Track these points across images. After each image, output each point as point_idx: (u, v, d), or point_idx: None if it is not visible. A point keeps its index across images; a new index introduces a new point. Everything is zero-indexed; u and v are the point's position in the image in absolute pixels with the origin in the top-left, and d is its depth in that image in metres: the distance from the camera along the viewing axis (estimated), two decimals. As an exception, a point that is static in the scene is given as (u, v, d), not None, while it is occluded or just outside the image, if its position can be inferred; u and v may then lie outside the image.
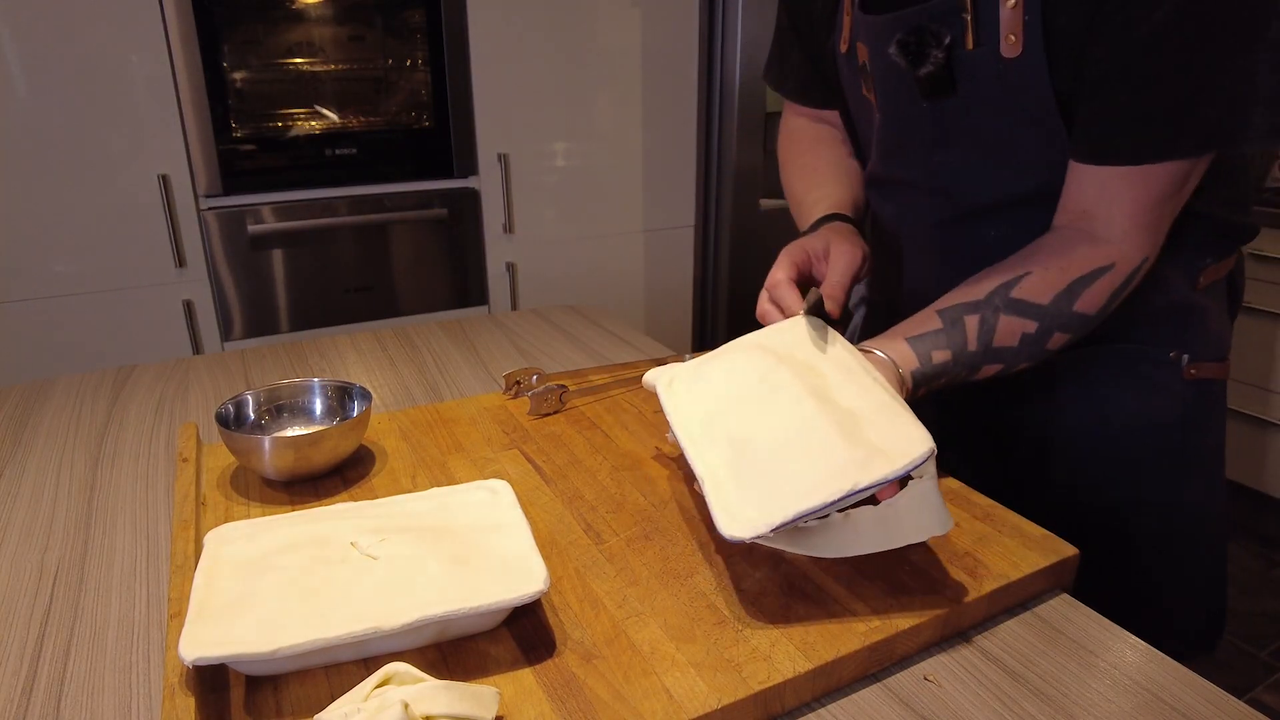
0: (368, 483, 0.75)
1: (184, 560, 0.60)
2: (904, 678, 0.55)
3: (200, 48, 1.85)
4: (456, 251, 2.23)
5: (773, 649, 0.53)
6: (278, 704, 0.50)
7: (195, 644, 0.48)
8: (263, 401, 0.81)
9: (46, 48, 1.74)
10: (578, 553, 0.64)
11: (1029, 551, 0.63)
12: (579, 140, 2.29)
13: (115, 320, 1.94)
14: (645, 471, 0.76)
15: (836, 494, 0.55)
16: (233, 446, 0.73)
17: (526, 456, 0.79)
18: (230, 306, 2.04)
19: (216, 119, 1.90)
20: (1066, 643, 0.57)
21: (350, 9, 1.99)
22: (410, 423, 0.86)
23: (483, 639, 0.55)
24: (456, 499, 0.65)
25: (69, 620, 0.60)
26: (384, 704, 0.45)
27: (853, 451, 0.57)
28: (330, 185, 2.06)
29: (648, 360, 1.03)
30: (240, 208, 1.98)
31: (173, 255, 1.94)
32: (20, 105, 1.74)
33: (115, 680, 0.54)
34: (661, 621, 0.56)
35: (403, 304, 2.21)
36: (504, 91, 2.16)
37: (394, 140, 2.09)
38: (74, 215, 1.84)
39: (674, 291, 2.55)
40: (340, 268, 2.12)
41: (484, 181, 2.20)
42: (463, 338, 1.16)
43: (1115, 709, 0.52)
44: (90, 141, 1.81)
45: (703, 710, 0.49)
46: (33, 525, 0.72)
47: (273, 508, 0.70)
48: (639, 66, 2.30)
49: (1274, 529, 2.35)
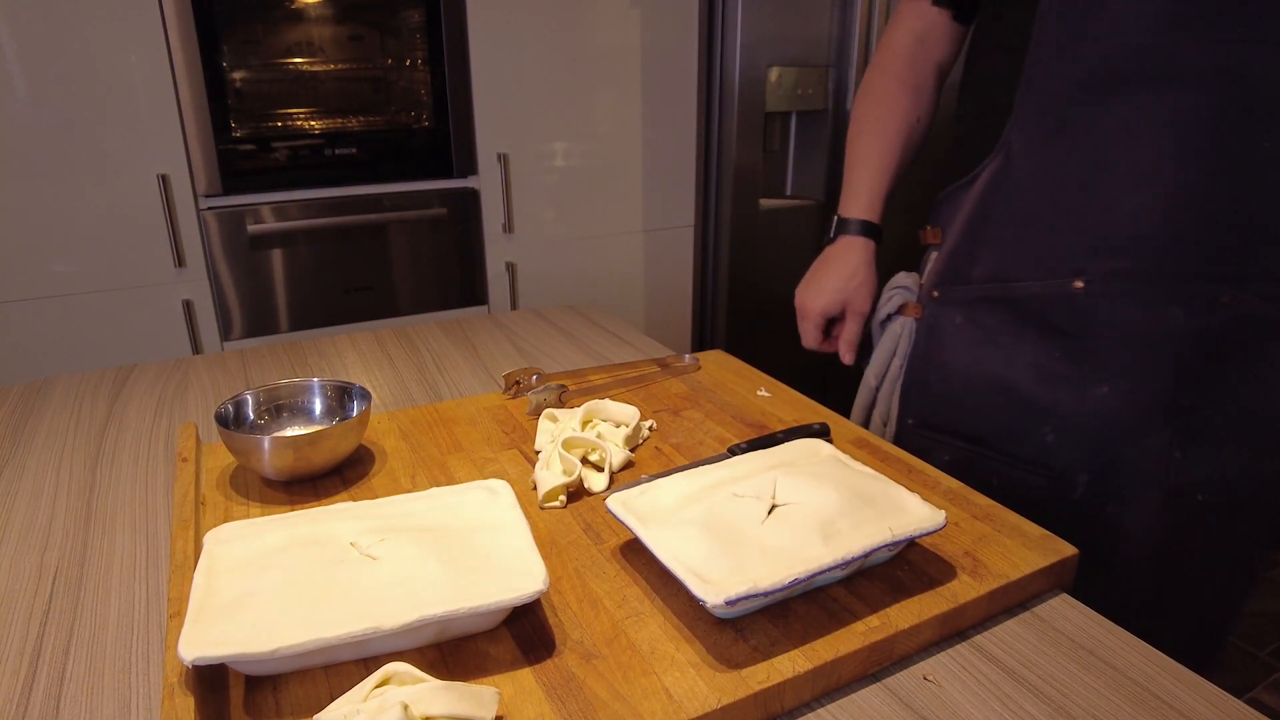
0: (367, 483, 0.75)
1: (183, 560, 0.60)
2: (904, 678, 0.55)
3: (200, 48, 1.85)
4: (456, 251, 2.23)
5: (772, 649, 0.53)
6: (277, 704, 0.50)
7: (195, 644, 0.48)
8: (262, 401, 0.81)
9: (46, 48, 1.74)
10: (578, 553, 0.64)
11: (1029, 551, 0.63)
12: (579, 140, 2.29)
13: (115, 320, 1.94)
14: (644, 471, 0.76)
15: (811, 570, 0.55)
16: (232, 446, 0.73)
17: (526, 456, 0.79)
18: (230, 306, 2.04)
19: (216, 119, 1.90)
20: (1066, 643, 0.57)
21: (350, 9, 1.99)
22: (410, 423, 0.86)
23: (482, 639, 0.55)
24: (456, 499, 0.65)
25: (69, 620, 0.60)
26: (384, 704, 0.45)
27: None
28: (330, 185, 2.06)
29: (647, 360, 1.03)
30: (240, 208, 1.98)
31: (172, 255, 1.94)
32: (20, 105, 1.74)
33: (115, 680, 0.54)
34: (661, 621, 0.56)
35: (402, 304, 2.21)
36: (504, 91, 2.16)
37: (393, 140, 2.09)
38: (74, 215, 1.84)
39: (674, 291, 2.55)
40: (340, 268, 2.12)
41: (484, 181, 2.20)
42: (462, 338, 1.16)
43: (1115, 709, 0.52)
44: (90, 141, 1.81)
45: (702, 710, 0.49)
46: (32, 525, 0.72)
47: (272, 508, 0.70)
48: (639, 66, 2.30)
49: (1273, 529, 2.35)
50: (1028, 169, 0.84)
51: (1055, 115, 0.80)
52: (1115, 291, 0.80)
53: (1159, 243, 0.77)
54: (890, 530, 0.58)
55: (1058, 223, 0.82)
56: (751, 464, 0.68)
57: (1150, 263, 0.78)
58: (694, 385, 0.95)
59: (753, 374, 0.98)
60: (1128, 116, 0.76)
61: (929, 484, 0.73)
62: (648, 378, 0.97)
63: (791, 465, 0.67)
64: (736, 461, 0.69)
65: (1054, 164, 0.81)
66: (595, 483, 0.73)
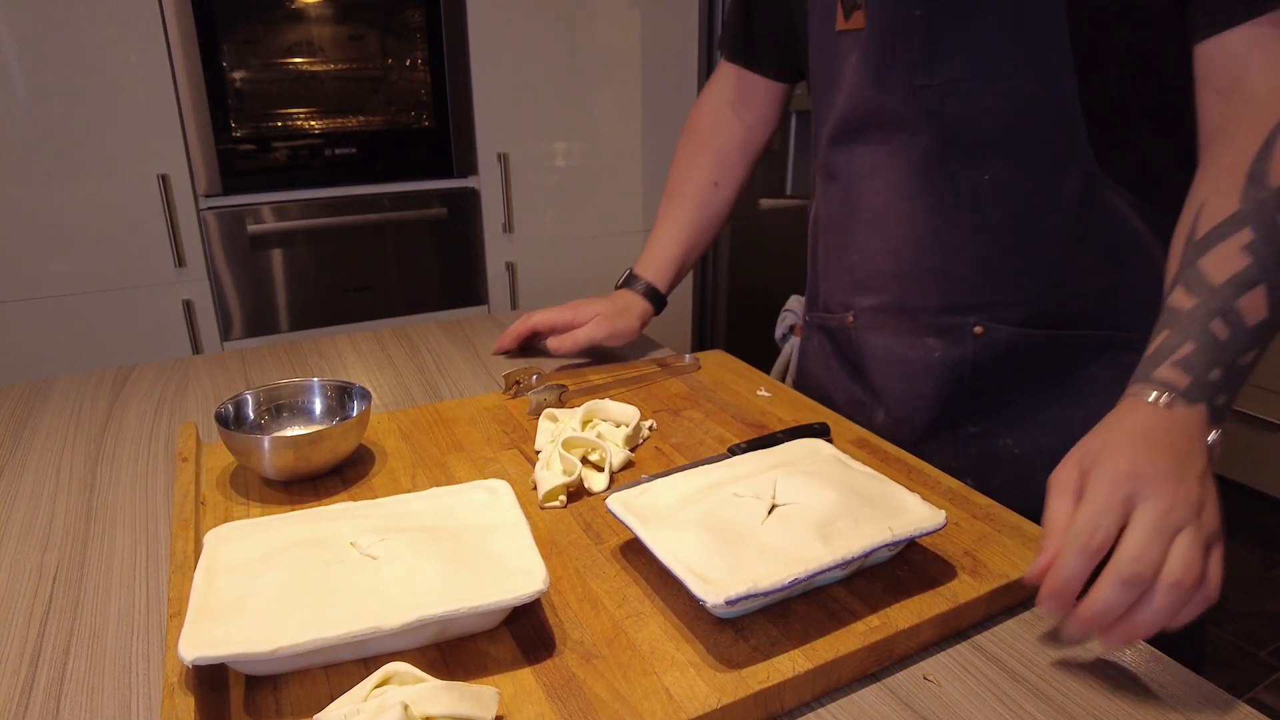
0: (367, 482, 0.75)
1: (183, 560, 0.60)
2: (904, 678, 0.55)
3: (200, 48, 1.85)
4: (456, 251, 2.23)
5: (772, 649, 0.53)
6: (277, 704, 0.50)
7: (195, 644, 0.48)
8: (262, 401, 0.81)
9: (46, 48, 1.74)
10: (578, 553, 0.64)
11: (1029, 551, 0.63)
12: (579, 140, 2.29)
13: (115, 320, 1.94)
14: (644, 471, 0.76)
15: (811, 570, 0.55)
16: (232, 446, 0.73)
17: (526, 456, 0.79)
18: (230, 306, 2.04)
19: (216, 119, 1.90)
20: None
21: (350, 9, 1.99)
22: (410, 422, 0.86)
23: (483, 639, 0.55)
24: (456, 499, 0.65)
25: (69, 620, 0.60)
26: (384, 704, 0.45)
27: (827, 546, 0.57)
28: (330, 185, 2.06)
29: (647, 360, 1.03)
30: (240, 207, 1.98)
31: (172, 255, 1.94)
32: (20, 105, 1.74)
33: (115, 680, 0.54)
34: (661, 621, 0.56)
35: (402, 304, 2.21)
36: (504, 91, 2.16)
37: (393, 140, 2.09)
38: (74, 215, 1.84)
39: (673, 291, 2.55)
40: (340, 268, 2.12)
41: (484, 181, 2.20)
42: (462, 338, 1.16)
43: (1115, 709, 0.52)
44: (90, 141, 1.81)
45: (702, 710, 0.49)
46: (32, 525, 0.72)
47: (272, 508, 0.70)
48: (639, 66, 2.30)
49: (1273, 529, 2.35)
50: (817, 213, 0.93)
51: (823, 165, 0.89)
52: (876, 325, 0.88)
53: (900, 279, 0.83)
54: (890, 530, 0.58)
55: (833, 261, 0.91)
56: (751, 464, 0.68)
57: (897, 298, 0.85)
58: (694, 385, 0.95)
59: (753, 374, 0.99)
60: (864, 164, 0.83)
61: (929, 484, 0.73)
62: (648, 378, 0.97)
63: (791, 465, 0.67)
64: (736, 461, 0.69)
65: (829, 208, 0.90)
66: (595, 483, 0.73)
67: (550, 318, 1.03)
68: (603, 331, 0.99)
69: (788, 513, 0.61)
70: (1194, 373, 0.57)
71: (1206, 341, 0.58)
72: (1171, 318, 0.60)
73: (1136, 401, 0.57)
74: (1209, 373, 0.57)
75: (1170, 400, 0.56)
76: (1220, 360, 0.57)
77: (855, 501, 0.61)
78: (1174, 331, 0.59)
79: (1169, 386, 0.57)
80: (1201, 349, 0.57)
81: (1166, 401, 0.56)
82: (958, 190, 0.77)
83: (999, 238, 0.78)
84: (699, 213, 1.04)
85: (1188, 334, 0.58)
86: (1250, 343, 0.58)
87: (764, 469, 0.67)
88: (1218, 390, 0.57)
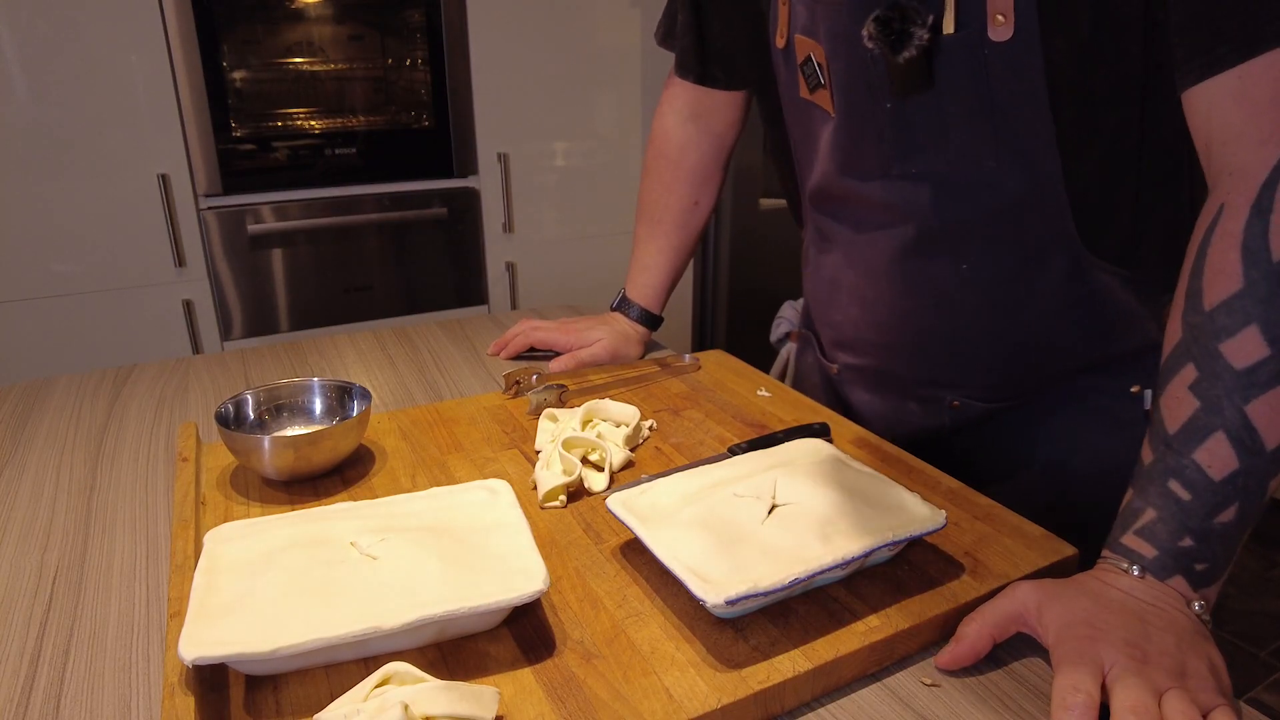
0: (367, 482, 0.75)
1: (184, 560, 0.60)
2: (904, 678, 0.55)
3: (200, 47, 1.85)
4: (456, 251, 2.23)
5: (773, 649, 0.53)
6: (277, 704, 0.50)
7: (195, 644, 0.48)
8: (262, 401, 0.81)
9: (46, 48, 1.74)
10: (578, 553, 0.64)
11: (1029, 551, 0.63)
12: (579, 140, 2.29)
13: (115, 320, 1.94)
14: (644, 471, 0.76)
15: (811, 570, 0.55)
16: (232, 446, 0.73)
17: (526, 456, 0.79)
18: (230, 306, 2.04)
19: (216, 119, 1.90)
20: (1066, 642, 0.57)
21: (350, 9, 1.99)
22: (410, 422, 0.86)
23: (483, 639, 0.55)
24: (456, 499, 0.65)
25: (69, 620, 0.60)
26: (384, 704, 0.45)
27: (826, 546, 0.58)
28: (330, 185, 2.06)
29: (647, 360, 1.03)
30: (240, 207, 1.98)
31: (172, 255, 1.94)
32: (20, 105, 1.74)
33: (115, 680, 0.54)
34: (661, 621, 0.56)
35: (402, 304, 2.21)
36: (504, 91, 2.16)
37: (394, 140, 2.09)
38: (74, 215, 1.84)
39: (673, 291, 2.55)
40: (340, 267, 2.12)
41: (484, 181, 2.21)
42: (462, 337, 1.16)
43: (1115, 709, 0.51)
44: (90, 141, 1.81)
45: (702, 710, 0.49)
46: (32, 525, 0.72)
47: (272, 507, 0.70)
48: (639, 66, 2.30)
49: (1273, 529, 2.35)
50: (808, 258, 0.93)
51: (810, 207, 0.88)
52: (860, 381, 0.90)
53: (880, 349, 0.85)
54: (890, 530, 0.58)
55: (821, 304, 0.91)
56: (751, 464, 0.68)
57: (879, 363, 0.86)
58: (694, 385, 0.95)
59: (753, 374, 0.98)
60: (843, 237, 0.83)
61: (929, 484, 0.73)
62: (648, 377, 0.97)
63: (792, 465, 0.67)
64: (736, 461, 0.69)
65: (817, 263, 0.90)
66: (595, 483, 0.73)
67: (552, 338, 1.03)
68: (606, 356, 1.00)
69: (788, 513, 0.61)
70: (1158, 542, 0.52)
71: (1168, 506, 0.52)
72: (1138, 474, 0.55)
73: (1111, 571, 0.54)
74: (1178, 540, 0.52)
75: (1140, 572, 0.52)
76: (1188, 526, 0.51)
77: (855, 501, 0.61)
78: (1137, 493, 0.55)
79: (1136, 558, 0.53)
80: (1164, 516, 0.52)
81: (1138, 573, 0.52)
82: (935, 281, 0.76)
83: (977, 324, 0.77)
84: (681, 234, 1.06)
85: (1148, 498, 0.53)
86: (1222, 500, 0.51)
87: (764, 469, 0.67)
88: (1193, 559, 0.51)
